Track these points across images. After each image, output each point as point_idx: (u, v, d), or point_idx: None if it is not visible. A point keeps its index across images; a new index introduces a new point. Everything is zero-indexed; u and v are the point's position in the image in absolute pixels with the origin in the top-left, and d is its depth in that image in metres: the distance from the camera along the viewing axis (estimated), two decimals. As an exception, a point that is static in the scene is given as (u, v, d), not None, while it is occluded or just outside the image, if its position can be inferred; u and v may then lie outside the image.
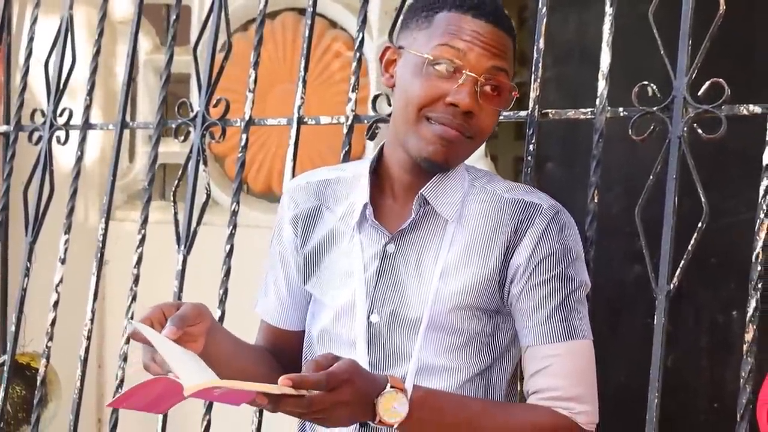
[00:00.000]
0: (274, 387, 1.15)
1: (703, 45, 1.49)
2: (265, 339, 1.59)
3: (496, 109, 1.39)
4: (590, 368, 1.38)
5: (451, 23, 1.36)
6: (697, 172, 1.49)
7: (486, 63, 1.36)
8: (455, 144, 1.37)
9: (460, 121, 1.36)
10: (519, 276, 1.37)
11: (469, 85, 1.35)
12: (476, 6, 1.37)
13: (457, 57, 1.35)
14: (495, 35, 1.37)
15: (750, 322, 1.43)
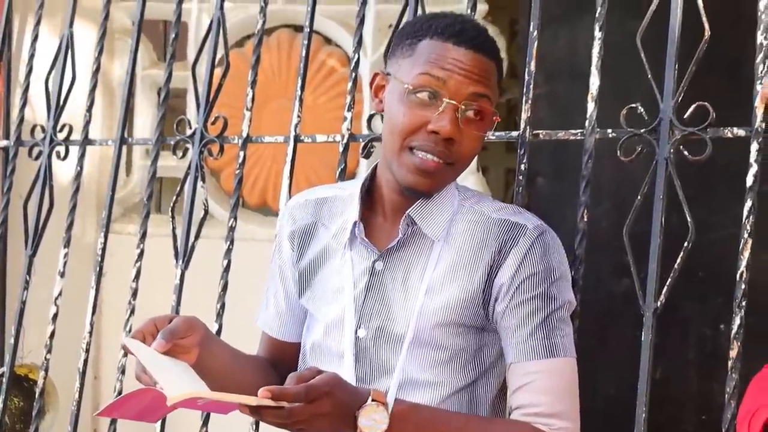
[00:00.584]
0: (253, 399, 1.19)
1: (689, 69, 1.54)
2: (266, 350, 1.63)
3: (478, 135, 1.42)
4: (572, 385, 1.41)
5: (432, 51, 1.40)
6: (685, 187, 1.53)
7: (466, 90, 1.39)
8: (436, 173, 1.41)
9: (442, 148, 1.39)
10: (503, 294, 1.41)
11: (450, 112, 1.38)
12: (457, 33, 1.41)
13: (437, 85, 1.38)
14: (476, 61, 1.40)
15: (735, 339, 1.48)
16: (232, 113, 2.09)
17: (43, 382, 2.23)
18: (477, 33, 1.43)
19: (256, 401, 1.20)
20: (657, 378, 3.02)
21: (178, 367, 1.33)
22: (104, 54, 2.32)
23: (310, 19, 2.00)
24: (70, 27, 2.29)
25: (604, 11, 1.66)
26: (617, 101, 1.62)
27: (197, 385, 1.27)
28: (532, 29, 1.74)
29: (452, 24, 1.42)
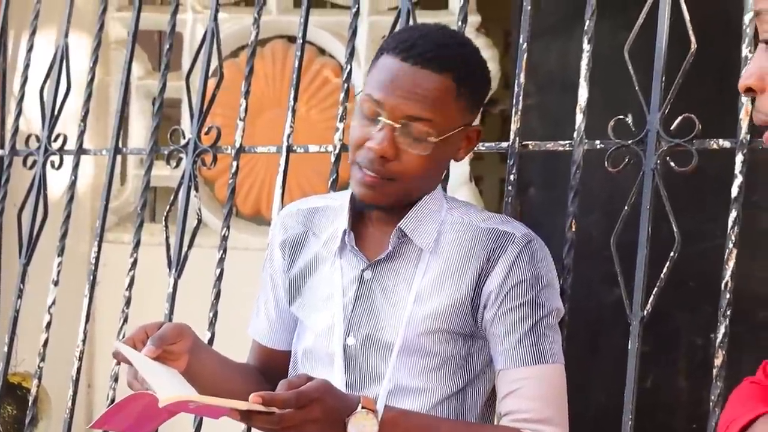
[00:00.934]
0: (244, 404, 1.21)
1: (676, 81, 1.56)
2: (256, 358, 1.65)
3: (417, 155, 1.40)
4: (560, 391, 1.43)
5: (383, 69, 1.41)
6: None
7: (402, 111, 1.39)
8: (376, 187, 1.42)
9: (377, 166, 1.40)
10: (491, 302, 1.43)
11: (386, 131, 1.39)
12: (407, 49, 1.40)
13: (377, 105, 1.40)
14: (420, 79, 1.38)
15: (719, 348, 1.50)
16: (227, 123, 2.11)
17: (36, 390, 2.24)
18: (430, 48, 1.40)
19: (247, 406, 1.22)
20: (648, 386, 3.04)
21: (168, 373, 1.35)
22: (100, 64, 2.35)
23: (303, 31, 2.02)
24: (66, 37, 2.32)
25: (593, 24, 1.69)
26: (610, 112, 1.64)
27: (188, 389, 1.28)
28: (521, 41, 1.77)
29: (407, 39, 1.42)
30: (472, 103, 1.45)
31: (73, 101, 2.37)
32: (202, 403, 1.22)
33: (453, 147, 1.46)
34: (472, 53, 1.47)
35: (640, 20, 1.62)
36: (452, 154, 1.47)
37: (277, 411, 1.23)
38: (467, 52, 1.46)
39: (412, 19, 1.87)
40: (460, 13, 1.85)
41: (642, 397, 2.97)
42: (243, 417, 1.24)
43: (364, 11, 2.96)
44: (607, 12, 1.85)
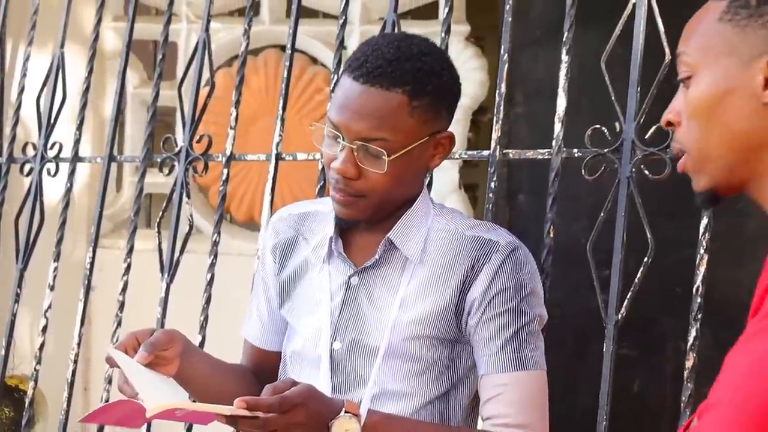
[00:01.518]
0: (229, 408, 1.25)
1: (650, 92, 1.61)
2: (248, 359, 1.69)
3: (377, 173, 1.42)
4: (541, 397, 1.46)
5: (339, 90, 1.44)
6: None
7: (356, 132, 1.41)
8: (348, 205, 1.46)
9: (343, 186, 1.44)
10: (475, 309, 1.46)
11: (346, 152, 1.41)
12: (358, 67, 1.41)
13: (334, 128, 1.43)
14: (370, 98, 1.40)
15: (690, 351, 1.54)
16: (221, 131, 2.16)
17: (33, 392, 2.28)
18: (379, 64, 1.40)
19: (232, 411, 1.25)
20: (635, 391, 3.08)
21: (159, 378, 1.39)
22: (97, 74, 2.39)
23: (292, 41, 2.07)
24: (61, 48, 2.37)
25: (571, 35, 1.73)
26: (598, 119, 1.68)
27: (177, 396, 1.32)
28: (502, 53, 1.81)
29: (360, 57, 1.43)
30: (434, 113, 1.44)
31: (70, 110, 2.42)
32: (189, 409, 1.26)
33: (421, 157, 1.47)
34: (427, 63, 1.44)
35: (616, 32, 1.67)
36: (423, 163, 1.48)
37: (261, 415, 1.27)
38: (421, 64, 1.43)
39: (397, 30, 1.92)
40: (443, 25, 1.89)
41: (628, 402, 3.02)
42: (228, 421, 1.27)
43: (356, 21, 3.01)
44: (593, 22, 1.89)
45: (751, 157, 1.07)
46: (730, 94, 1.06)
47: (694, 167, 1.11)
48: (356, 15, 3.02)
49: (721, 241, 2.94)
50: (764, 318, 0.96)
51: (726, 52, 1.07)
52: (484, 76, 2.93)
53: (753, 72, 1.06)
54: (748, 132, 1.06)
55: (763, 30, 1.06)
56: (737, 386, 0.94)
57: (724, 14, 1.08)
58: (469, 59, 2.95)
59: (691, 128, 1.09)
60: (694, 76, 1.09)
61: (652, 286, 2.83)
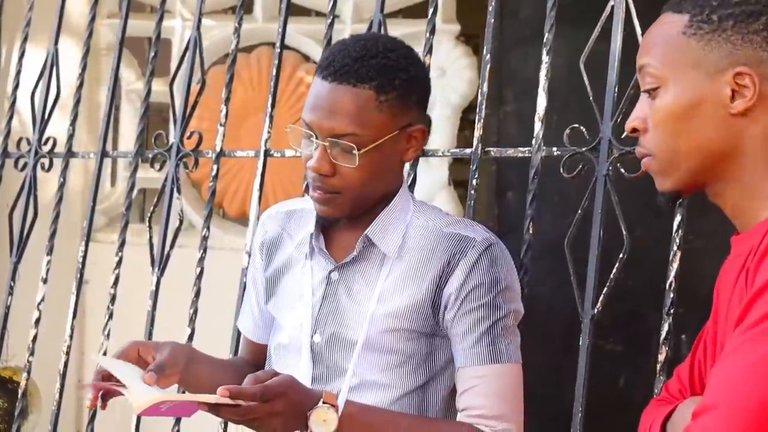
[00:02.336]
0: (212, 397, 1.29)
1: (627, 92, 1.65)
2: (245, 351, 1.75)
3: (351, 168, 1.46)
4: (515, 390, 1.50)
5: (311, 91, 1.49)
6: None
7: (327, 128, 1.45)
8: (328, 202, 1.50)
9: (319, 183, 1.48)
10: (451, 303, 1.50)
11: (320, 150, 1.46)
12: (326, 66, 1.46)
13: (307, 128, 1.48)
14: (339, 95, 1.44)
15: (663, 344, 1.58)
16: (214, 127, 2.19)
17: (26, 383, 2.32)
18: (345, 62, 1.45)
19: (215, 399, 1.29)
20: (621, 386, 3.12)
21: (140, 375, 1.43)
22: (92, 70, 2.43)
23: (281, 39, 2.11)
24: (55, 44, 2.40)
25: (551, 36, 1.77)
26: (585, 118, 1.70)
27: (159, 392, 1.37)
28: (484, 53, 1.85)
29: (328, 56, 1.48)
30: (402, 106, 1.48)
31: (65, 106, 2.46)
32: (174, 400, 1.30)
33: (393, 151, 1.51)
34: (392, 59, 1.48)
35: (595, 33, 1.70)
36: (397, 157, 1.52)
37: (243, 404, 1.31)
38: (387, 60, 1.47)
39: (384, 31, 1.96)
40: (428, 25, 1.93)
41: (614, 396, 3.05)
42: (211, 409, 1.32)
43: (347, 19, 3.05)
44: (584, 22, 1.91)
45: (716, 164, 1.14)
46: (699, 104, 1.13)
47: (660, 170, 1.18)
48: (348, 14, 3.06)
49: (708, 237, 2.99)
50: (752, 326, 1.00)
51: (692, 65, 1.13)
52: (474, 74, 2.97)
53: (720, 84, 1.12)
54: (715, 140, 1.13)
55: (726, 44, 1.12)
56: (734, 388, 0.98)
57: (687, 28, 1.14)
58: (459, 58, 2.99)
59: (659, 136, 1.16)
60: (662, 87, 1.15)
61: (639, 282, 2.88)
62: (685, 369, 1.30)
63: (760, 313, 1.00)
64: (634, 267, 2.05)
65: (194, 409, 1.34)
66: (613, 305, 1.79)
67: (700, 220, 2.63)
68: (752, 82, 1.11)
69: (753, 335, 0.99)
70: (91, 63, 2.55)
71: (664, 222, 1.70)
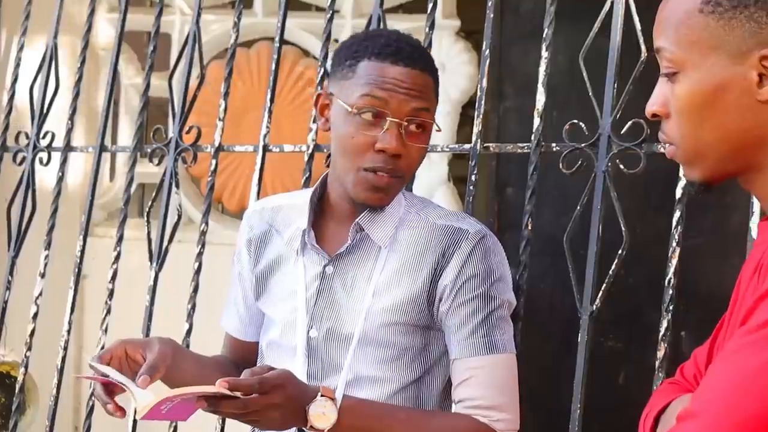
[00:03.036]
0: (211, 388, 1.30)
1: (626, 88, 1.64)
2: (229, 350, 1.74)
3: (421, 147, 1.53)
4: (511, 379, 1.51)
5: (371, 72, 1.49)
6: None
7: (407, 106, 1.49)
8: (388, 188, 1.51)
9: (391, 165, 1.49)
10: (446, 295, 1.51)
11: (394, 129, 1.48)
12: (394, 53, 1.50)
13: (380, 105, 1.48)
14: (414, 78, 1.50)
15: (662, 341, 1.57)
16: (213, 122, 2.18)
17: (23, 378, 2.32)
18: (412, 50, 1.52)
19: (214, 390, 1.30)
20: (620, 382, 3.12)
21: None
22: (91, 65, 2.42)
23: (281, 34, 2.10)
24: (55, 38, 2.40)
25: (551, 32, 1.76)
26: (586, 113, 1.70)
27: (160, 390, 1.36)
28: (483, 48, 1.84)
29: (388, 44, 1.51)
30: (438, 99, 1.58)
31: (65, 100, 2.45)
32: (174, 397, 1.30)
33: None
34: (431, 56, 1.60)
35: (595, 29, 1.70)
36: None
37: (241, 396, 1.31)
38: (428, 53, 1.60)
39: (383, 26, 1.95)
40: (427, 20, 1.92)
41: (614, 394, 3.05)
42: (210, 404, 1.32)
43: (348, 14, 3.04)
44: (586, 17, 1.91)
45: (745, 153, 1.05)
46: (722, 90, 1.03)
47: (686, 159, 1.09)
48: (348, 9, 3.05)
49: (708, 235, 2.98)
50: (753, 331, 0.94)
51: (712, 47, 1.03)
52: (474, 70, 2.96)
53: (744, 68, 1.02)
54: (744, 129, 1.03)
55: (749, 23, 1.02)
56: (722, 397, 0.94)
57: (704, 5, 1.04)
58: (459, 53, 2.98)
59: (682, 123, 1.06)
60: (680, 72, 1.05)
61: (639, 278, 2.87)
62: (703, 353, 1.24)
63: (764, 317, 0.94)
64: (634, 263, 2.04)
65: (192, 411, 1.34)
66: (613, 302, 1.78)
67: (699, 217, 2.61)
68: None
69: (752, 341, 0.94)
70: (90, 57, 2.54)
71: (663, 218, 1.69)
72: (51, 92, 2.37)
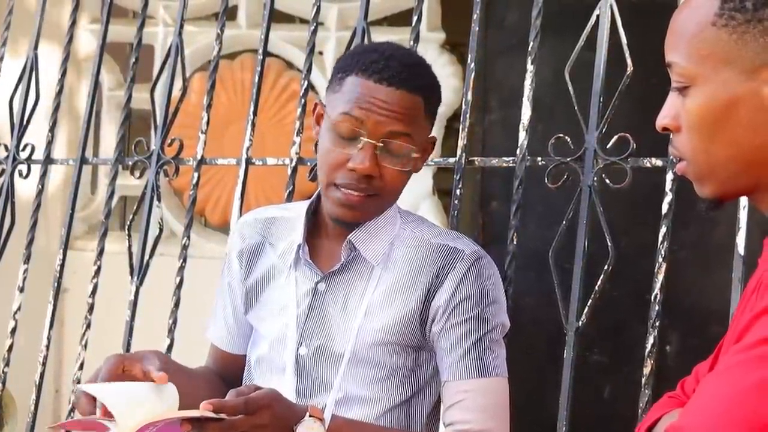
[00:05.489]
0: (196, 411, 1.26)
1: (612, 102, 1.63)
2: (214, 361, 1.71)
3: (397, 171, 1.48)
4: (502, 404, 1.48)
5: (355, 90, 1.46)
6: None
7: (383, 128, 1.45)
8: (359, 205, 1.48)
9: (363, 185, 1.46)
10: (439, 316, 1.48)
11: (368, 150, 1.45)
12: (379, 71, 1.46)
13: (356, 125, 1.45)
14: (396, 99, 1.45)
15: (648, 357, 1.56)
16: (196, 134, 2.16)
17: (1, 394, 2.28)
18: (401, 69, 1.47)
19: (199, 413, 1.26)
20: (605, 397, 3.11)
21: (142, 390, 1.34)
22: (73, 76, 2.40)
23: (264, 46, 2.08)
24: (35, 49, 2.37)
25: (536, 45, 1.75)
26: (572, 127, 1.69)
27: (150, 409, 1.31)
28: (469, 62, 1.83)
29: (377, 60, 1.48)
30: (433, 118, 1.54)
31: (46, 111, 2.42)
32: (158, 422, 1.25)
33: (417, 159, 1.52)
34: (431, 70, 1.55)
35: (580, 43, 1.69)
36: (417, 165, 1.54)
37: (226, 418, 1.28)
38: (429, 71, 1.54)
39: (367, 38, 1.94)
40: (412, 33, 1.91)
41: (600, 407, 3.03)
42: (195, 427, 1.27)
43: (332, 27, 3.03)
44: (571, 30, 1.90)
45: (757, 170, 1.03)
46: (734, 106, 1.01)
47: (697, 176, 1.07)
48: (332, 21, 3.04)
49: (692, 249, 2.98)
50: (747, 349, 0.93)
51: (725, 62, 1.01)
52: (459, 83, 2.95)
53: (757, 83, 1.00)
54: (756, 146, 1.02)
55: (763, 38, 1.00)
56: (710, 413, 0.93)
57: (717, 18, 1.02)
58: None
59: (693, 139, 1.04)
60: (692, 86, 1.03)
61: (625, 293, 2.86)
62: (704, 369, 1.22)
63: (759, 335, 0.93)
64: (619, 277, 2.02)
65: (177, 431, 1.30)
66: (598, 316, 1.77)
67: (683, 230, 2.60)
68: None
69: (745, 359, 0.93)
70: (73, 68, 2.52)
71: (648, 232, 1.68)
72: (31, 103, 2.34)
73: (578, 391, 1.69)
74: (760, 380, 0.91)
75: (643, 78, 1.73)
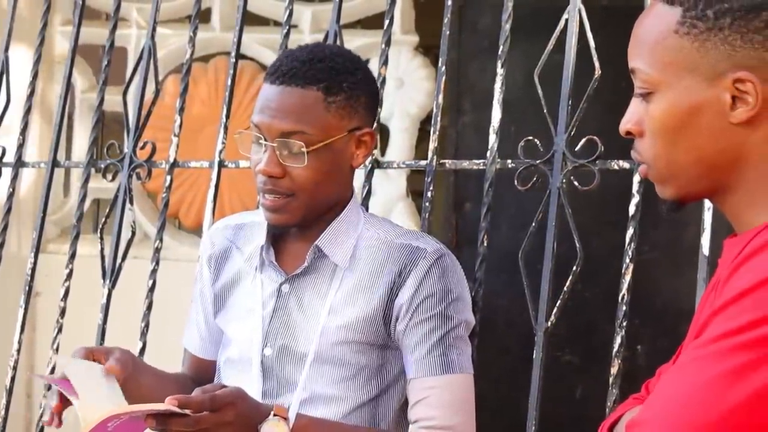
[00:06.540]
0: (161, 406, 1.27)
1: (581, 105, 1.65)
2: (189, 367, 1.72)
3: (303, 168, 1.46)
4: (467, 400, 1.50)
5: (260, 96, 1.50)
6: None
7: (276, 129, 1.46)
8: (279, 208, 1.49)
9: (272, 186, 1.48)
10: (403, 314, 1.50)
11: (268, 152, 1.47)
12: (273, 72, 1.49)
13: (257, 131, 1.48)
14: (286, 96, 1.46)
15: (615, 357, 1.58)
16: (169, 137, 2.16)
17: (-28, 398, 2.27)
18: (293, 66, 1.47)
19: (164, 408, 1.28)
20: (577, 397, 3.13)
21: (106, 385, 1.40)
22: (46, 78, 2.39)
23: (237, 48, 2.09)
24: (6, 51, 2.36)
25: (506, 49, 1.77)
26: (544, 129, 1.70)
27: (112, 403, 1.33)
28: (440, 65, 1.84)
29: (275, 63, 1.51)
30: (350, 109, 1.50)
31: (17, 114, 2.41)
32: (123, 414, 1.27)
33: (343, 154, 1.51)
34: (339, 63, 1.50)
35: (549, 46, 1.71)
36: (346, 161, 1.52)
37: (191, 414, 1.29)
38: (334, 63, 1.49)
39: (340, 41, 1.95)
40: (383, 36, 1.92)
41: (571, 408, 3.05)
42: (159, 422, 1.29)
43: (306, 29, 3.04)
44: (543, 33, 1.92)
45: (718, 174, 1.06)
46: (696, 112, 1.03)
47: (659, 178, 1.09)
48: (306, 24, 3.04)
49: (662, 250, 3.01)
50: (704, 345, 0.95)
51: (687, 69, 1.04)
52: (432, 85, 2.97)
53: (718, 90, 1.03)
54: (717, 150, 1.04)
55: (723, 46, 1.02)
56: (668, 407, 0.94)
57: (680, 26, 1.04)
58: (417, 69, 2.99)
59: (656, 144, 1.06)
60: (655, 93, 1.06)
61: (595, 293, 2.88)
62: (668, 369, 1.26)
63: (717, 331, 0.95)
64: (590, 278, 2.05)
65: (140, 430, 1.31)
66: (569, 316, 1.79)
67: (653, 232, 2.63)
68: (754, 89, 1.01)
69: (704, 354, 0.95)
70: (45, 70, 2.51)
71: (618, 234, 1.70)
72: (2, 106, 2.33)
73: (550, 392, 1.70)
74: (717, 375, 0.93)
75: (613, 81, 1.75)
